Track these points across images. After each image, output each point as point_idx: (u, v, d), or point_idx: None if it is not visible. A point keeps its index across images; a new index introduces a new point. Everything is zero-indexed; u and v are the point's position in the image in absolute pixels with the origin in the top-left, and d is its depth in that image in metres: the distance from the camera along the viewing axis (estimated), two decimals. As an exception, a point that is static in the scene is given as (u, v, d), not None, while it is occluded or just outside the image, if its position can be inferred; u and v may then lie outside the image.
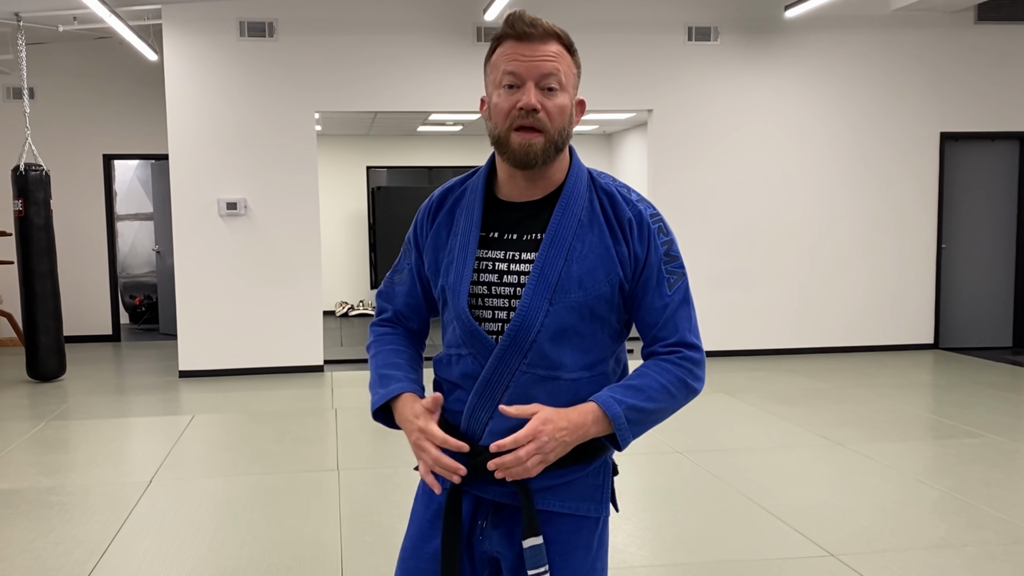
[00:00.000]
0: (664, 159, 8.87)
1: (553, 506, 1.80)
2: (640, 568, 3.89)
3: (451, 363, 1.84)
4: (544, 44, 1.71)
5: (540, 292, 1.74)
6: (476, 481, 1.81)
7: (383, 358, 1.92)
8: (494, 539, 1.84)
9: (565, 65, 1.73)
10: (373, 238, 13.18)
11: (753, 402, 6.99)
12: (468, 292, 1.79)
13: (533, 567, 1.75)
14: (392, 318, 2.00)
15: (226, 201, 8.22)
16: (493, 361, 1.76)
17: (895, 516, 4.47)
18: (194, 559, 4.01)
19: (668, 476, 5.19)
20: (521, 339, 1.74)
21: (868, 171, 9.17)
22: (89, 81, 10.28)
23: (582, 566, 1.83)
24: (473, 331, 1.78)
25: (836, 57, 9.02)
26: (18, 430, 6.37)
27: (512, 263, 1.79)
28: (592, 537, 1.84)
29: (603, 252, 1.75)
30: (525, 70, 1.70)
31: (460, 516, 1.83)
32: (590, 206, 1.78)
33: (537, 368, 1.75)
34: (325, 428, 6.37)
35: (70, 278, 10.19)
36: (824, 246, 9.15)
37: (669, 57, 8.80)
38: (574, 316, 1.75)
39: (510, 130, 1.72)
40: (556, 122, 1.72)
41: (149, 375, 8.53)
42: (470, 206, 1.85)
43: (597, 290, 1.74)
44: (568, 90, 1.74)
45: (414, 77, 8.45)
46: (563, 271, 1.74)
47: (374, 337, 1.98)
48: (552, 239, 1.75)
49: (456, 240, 1.84)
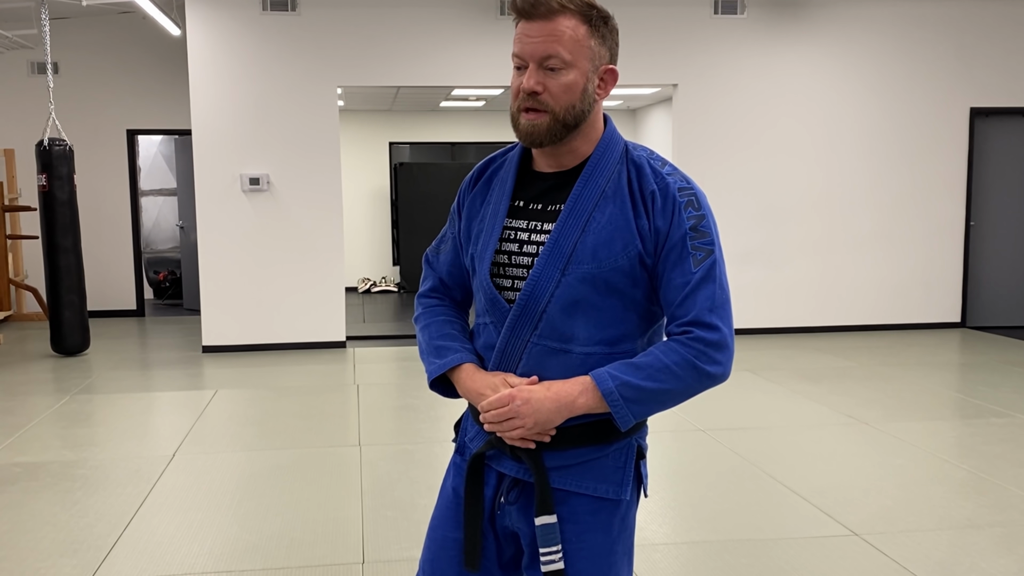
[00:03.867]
0: (689, 134, 8.78)
1: (569, 485, 1.78)
2: (661, 546, 3.87)
3: (479, 332, 1.86)
4: (548, 22, 1.66)
5: (552, 262, 1.72)
6: (496, 455, 1.83)
7: (436, 329, 1.91)
8: (512, 515, 1.84)
9: (573, 40, 1.67)
10: (395, 214, 13.17)
11: (778, 380, 6.94)
12: (492, 260, 1.79)
13: (545, 545, 1.73)
14: (438, 288, 1.98)
15: (249, 176, 8.22)
16: (506, 331, 1.76)
17: (920, 496, 4.43)
18: (216, 533, 4.02)
19: (690, 454, 5.16)
20: (531, 309, 1.73)
21: (896, 147, 9.05)
22: (113, 56, 10.29)
23: (601, 548, 1.80)
24: (494, 299, 1.78)
25: (864, 31, 8.89)
26: (43, 404, 6.42)
27: (533, 233, 1.77)
28: (612, 519, 1.81)
29: (622, 224, 1.71)
30: (527, 51, 1.68)
31: (481, 486, 1.83)
32: (617, 178, 1.75)
33: (548, 340, 1.74)
34: (347, 404, 6.38)
35: (94, 253, 10.25)
36: (851, 223, 9.05)
37: (695, 31, 8.70)
38: (587, 288, 1.71)
39: (519, 111, 1.72)
40: (562, 101, 1.68)
41: (173, 350, 8.57)
42: (505, 176, 1.85)
43: (613, 262, 1.70)
44: (578, 65, 1.68)
45: (437, 52, 8.40)
46: (578, 242, 1.71)
47: (422, 309, 1.97)
48: (571, 210, 1.73)
49: (488, 209, 1.85)
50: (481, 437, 1.86)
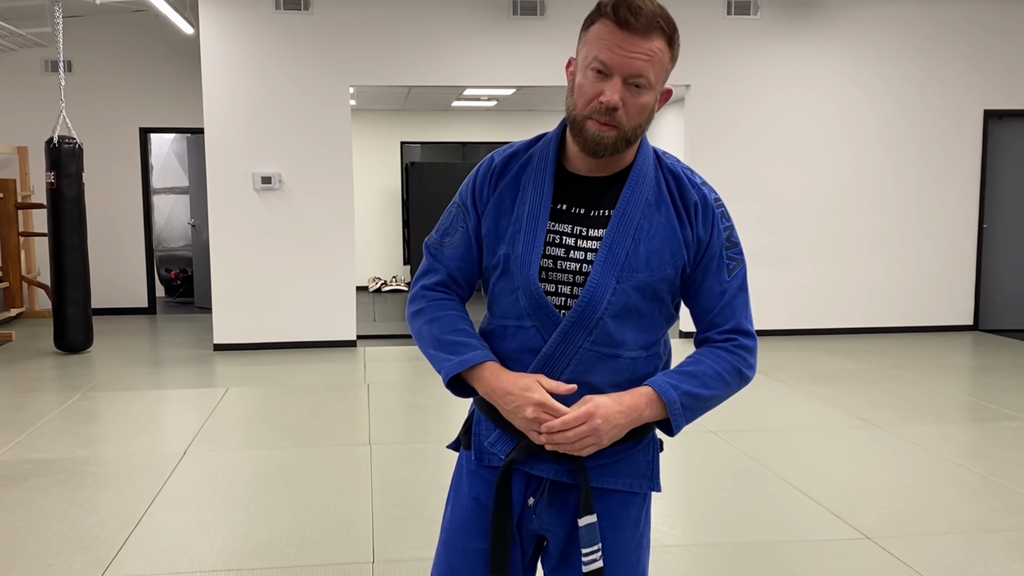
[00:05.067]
0: (701, 135, 8.76)
1: (607, 483, 1.79)
2: (672, 547, 3.86)
3: (506, 335, 1.79)
4: (645, 39, 1.62)
5: (608, 270, 1.71)
6: (529, 459, 1.78)
7: (447, 323, 1.81)
8: (545, 517, 1.82)
9: (660, 63, 1.66)
10: (407, 213, 13.17)
11: (789, 382, 6.92)
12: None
13: (588, 545, 1.73)
14: (447, 283, 1.88)
15: (261, 175, 8.24)
16: (557, 336, 1.73)
17: (932, 499, 4.41)
18: (227, 531, 4.03)
19: (702, 455, 5.14)
20: (588, 316, 1.72)
21: (909, 149, 9.01)
22: (126, 54, 10.32)
23: (631, 542, 1.83)
24: (542, 304, 1.74)
25: (878, 32, 8.86)
26: (54, 401, 6.44)
27: (580, 238, 1.76)
28: (640, 513, 1.85)
29: (670, 234, 1.73)
30: (617, 64, 1.63)
31: (510, 493, 1.80)
32: (656, 186, 1.76)
33: (601, 346, 1.73)
34: (357, 403, 6.38)
35: (106, 251, 10.29)
36: (864, 225, 9.02)
37: (708, 31, 8.68)
38: (637, 296, 1.73)
39: (587, 117, 1.67)
40: (633, 119, 1.67)
41: (184, 348, 8.59)
42: (539, 175, 1.80)
43: (663, 271, 1.73)
44: (656, 87, 1.68)
45: (449, 51, 8.40)
46: (631, 250, 1.72)
47: (427, 302, 1.86)
48: (621, 217, 1.73)
49: (524, 209, 1.78)
50: (505, 440, 1.80)
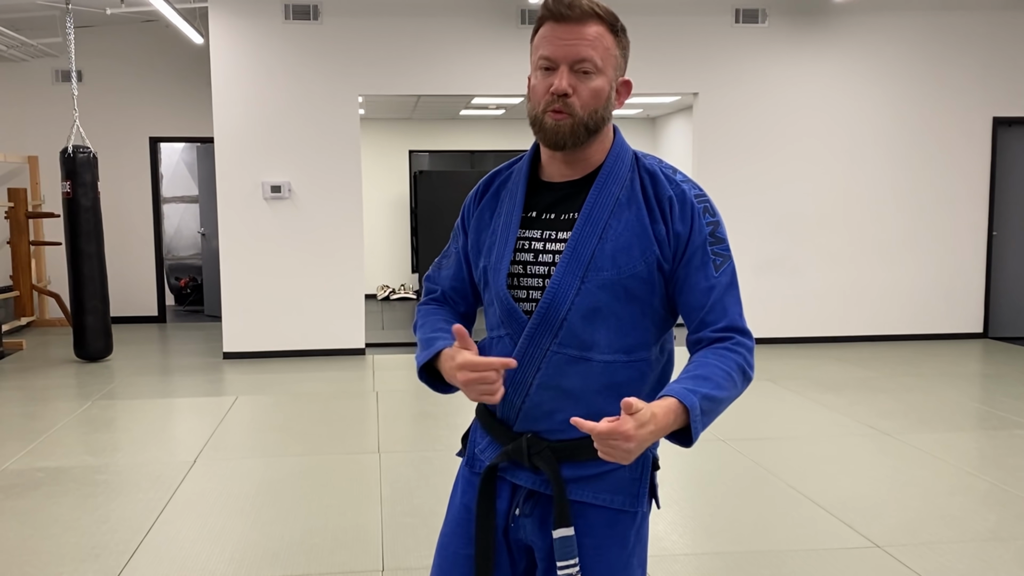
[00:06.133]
0: (709, 143, 8.77)
1: (586, 497, 1.77)
2: (681, 556, 3.85)
3: (492, 347, 1.83)
4: (582, 26, 1.67)
5: (572, 270, 1.71)
6: (511, 467, 1.81)
7: (430, 326, 1.88)
8: (527, 528, 1.82)
9: (603, 47, 1.68)
10: (415, 222, 13.20)
11: (798, 390, 6.91)
12: (507, 271, 1.78)
13: (563, 558, 1.72)
14: (440, 298, 1.98)
15: (270, 184, 8.26)
16: (524, 340, 1.74)
17: (942, 507, 4.39)
18: (237, 539, 4.04)
19: (711, 464, 5.14)
20: (551, 317, 1.72)
21: (918, 156, 9.00)
22: (136, 64, 10.38)
23: (617, 561, 1.79)
24: (511, 309, 1.76)
25: (886, 40, 8.85)
26: (65, 409, 6.47)
27: (548, 242, 1.77)
28: (628, 532, 1.80)
29: (639, 230, 1.71)
30: (559, 53, 1.67)
31: (494, 498, 1.82)
32: (630, 186, 1.75)
33: (568, 348, 1.72)
34: (366, 410, 6.39)
35: (117, 260, 10.32)
36: (872, 232, 9.00)
37: (716, 39, 8.69)
38: (607, 295, 1.71)
39: (544, 112, 1.70)
40: (588, 106, 1.69)
41: (194, 356, 8.62)
42: (514, 187, 1.84)
43: (631, 268, 1.71)
44: (606, 72, 1.70)
45: (458, 60, 8.43)
46: (596, 249, 1.71)
47: (420, 315, 1.96)
48: (587, 217, 1.73)
49: (499, 220, 1.83)
50: (493, 448, 1.84)
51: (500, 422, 1.82)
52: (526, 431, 1.78)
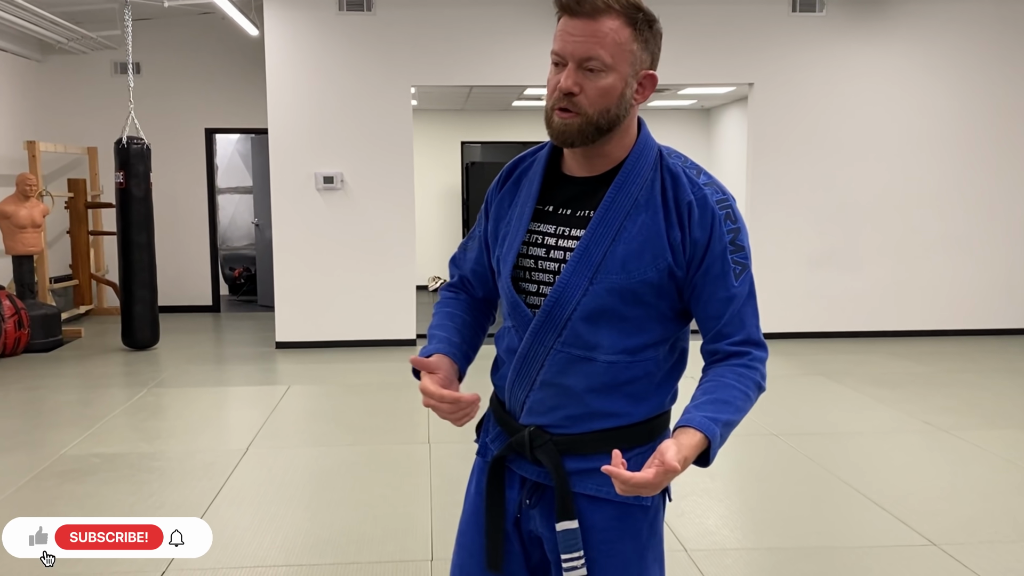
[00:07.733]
0: (765, 134, 8.65)
1: (590, 489, 1.75)
2: (733, 551, 3.81)
3: (503, 336, 1.83)
4: (593, 21, 1.60)
5: (580, 271, 1.68)
6: (516, 458, 1.81)
7: (436, 320, 1.93)
8: (535, 519, 1.81)
9: (615, 43, 1.61)
10: (466, 213, 13.22)
11: (853, 385, 6.80)
12: (515, 264, 1.76)
13: (567, 551, 1.71)
14: (458, 284, 1.99)
15: (323, 175, 8.31)
16: (529, 336, 1.73)
17: (1002, 506, 4.29)
18: (288, 527, 4.07)
19: (763, 458, 5.08)
20: (556, 316, 1.70)
21: (977, 149, 8.80)
22: (192, 56, 10.49)
23: (631, 556, 1.76)
24: (515, 303, 1.76)
25: (946, 28, 8.66)
26: (120, 396, 6.57)
27: (560, 238, 1.73)
28: (641, 525, 1.77)
29: (653, 235, 1.67)
30: (567, 50, 1.63)
31: (502, 488, 1.82)
32: (650, 186, 1.70)
33: (572, 347, 1.71)
34: (416, 401, 6.37)
35: (172, 250, 10.46)
36: (929, 225, 8.83)
37: (772, 29, 8.56)
38: (614, 298, 1.68)
39: (553, 109, 1.67)
40: (597, 104, 1.64)
41: (247, 345, 8.71)
42: (532, 178, 1.81)
43: (642, 275, 1.67)
44: (618, 69, 1.63)
45: (511, 51, 8.40)
46: (608, 251, 1.67)
47: (439, 301, 1.98)
48: (602, 218, 1.69)
49: (515, 212, 1.81)
50: (502, 439, 1.84)
51: (508, 414, 1.83)
52: (530, 424, 1.78)
